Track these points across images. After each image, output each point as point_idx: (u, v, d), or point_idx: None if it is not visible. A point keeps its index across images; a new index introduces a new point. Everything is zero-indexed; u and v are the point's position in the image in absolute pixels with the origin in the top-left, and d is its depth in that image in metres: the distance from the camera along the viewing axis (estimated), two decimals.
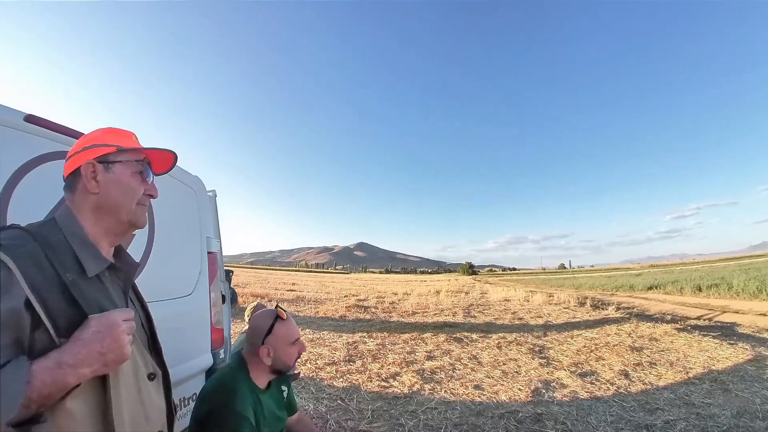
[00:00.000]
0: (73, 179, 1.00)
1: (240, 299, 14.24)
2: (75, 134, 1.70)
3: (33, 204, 1.50)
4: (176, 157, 1.19)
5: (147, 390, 1.00)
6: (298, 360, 1.76)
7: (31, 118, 1.54)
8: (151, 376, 1.03)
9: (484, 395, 4.71)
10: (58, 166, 1.58)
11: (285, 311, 1.74)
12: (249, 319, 3.58)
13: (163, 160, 1.17)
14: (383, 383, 5.14)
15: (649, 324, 9.86)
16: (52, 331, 0.80)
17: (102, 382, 0.86)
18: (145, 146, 1.12)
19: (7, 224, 0.91)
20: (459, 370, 5.84)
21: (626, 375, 5.52)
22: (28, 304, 0.77)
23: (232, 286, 12.76)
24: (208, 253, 2.52)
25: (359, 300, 17.04)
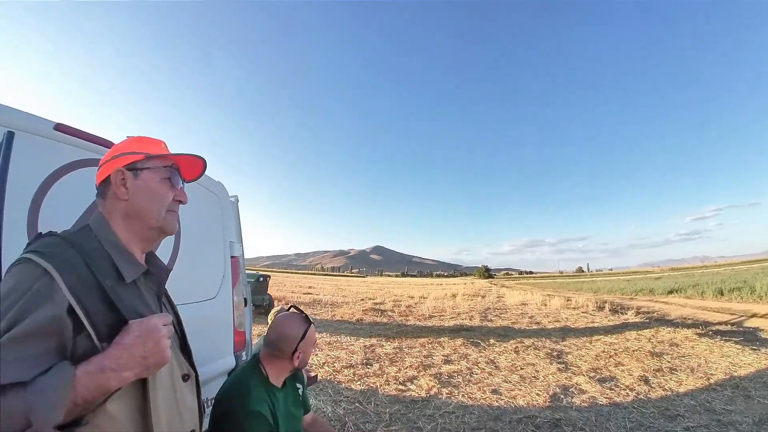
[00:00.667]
0: (104, 187, 1.04)
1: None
2: (103, 142, 1.76)
3: (63, 210, 1.56)
4: (205, 163, 1.21)
5: (182, 391, 1.04)
6: (315, 363, 1.86)
7: (60, 127, 1.60)
8: (185, 377, 1.07)
9: (501, 400, 4.71)
10: (87, 173, 1.65)
11: (303, 312, 1.82)
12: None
13: (192, 167, 1.20)
14: (401, 387, 5.18)
15: (669, 329, 9.72)
16: (93, 336, 0.83)
17: (141, 384, 0.90)
18: (164, 151, 1.14)
19: (43, 231, 0.95)
20: (476, 374, 5.85)
21: (646, 381, 5.47)
22: (70, 310, 0.80)
23: (268, 291, 12.90)
24: (231, 257, 2.59)
25: (376, 303, 17.04)
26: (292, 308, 1.87)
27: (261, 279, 12.40)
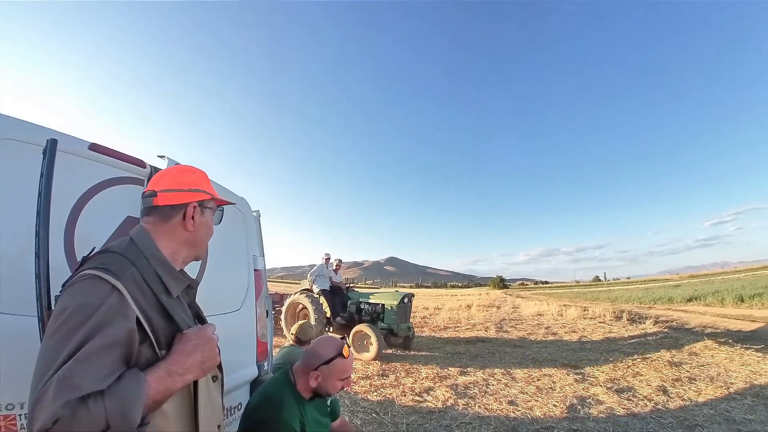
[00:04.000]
0: (171, 211, 1.16)
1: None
2: (134, 161, 1.90)
3: (97, 226, 1.69)
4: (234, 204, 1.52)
5: (212, 390, 1.17)
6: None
7: (94, 147, 1.73)
8: (214, 378, 1.20)
9: (518, 411, 4.72)
10: (120, 190, 1.81)
11: (350, 347, 1.85)
12: (294, 337, 3.78)
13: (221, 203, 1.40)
14: (417, 397, 5.21)
15: (688, 338, 9.60)
16: (156, 345, 0.97)
17: (187, 386, 1.02)
18: (223, 198, 1.35)
19: (100, 248, 1.08)
20: (493, 385, 5.85)
21: (664, 391, 5.43)
22: (138, 323, 0.92)
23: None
24: (255, 270, 2.72)
25: None
26: (341, 337, 1.92)
27: (406, 300, 8.87)
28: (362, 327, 7.83)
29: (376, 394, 5.36)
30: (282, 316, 9.63)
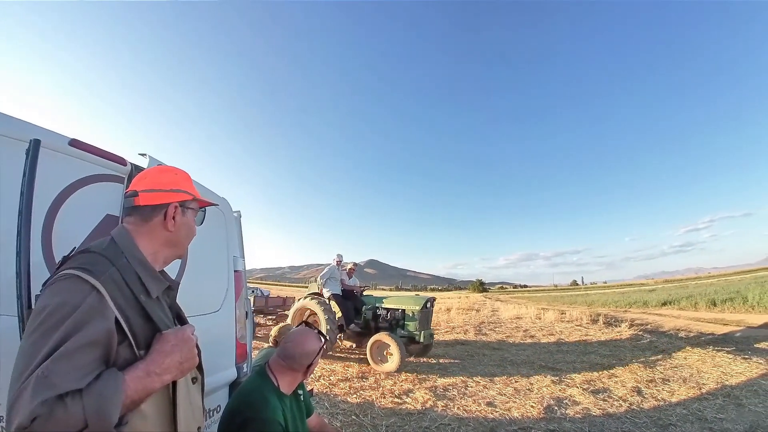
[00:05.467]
0: (152, 211, 1.15)
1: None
2: (115, 158, 1.85)
3: (76, 224, 1.64)
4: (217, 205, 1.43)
5: (192, 391, 1.15)
6: (312, 376, 1.94)
7: (75, 143, 1.68)
8: (194, 380, 1.18)
9: (496, 412, 4.74)
10: (100, 187, 1.76)
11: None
12: (274, 339, 3.73)
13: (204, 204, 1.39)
14: (396, 399, 5.20)
15: (662, 340, 9.82)
16: (134, 345, 0.95)
17: (167, 386, 1.01)
18: (205, 198, 1.35)
19: (81, 248, 1.06)
20: (471, 387, 5.88)
21: (639, 391, 5.53)
22: (116, 323, 0.91)
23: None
24: (235, 271, 2.68)
25: None
26: (306, 324, 1.98)
27: (429, 305, 8.06)
28: (382, 336, 7.11)
29: (355, 396, 5.34)
30: (289, 322, 8.31)
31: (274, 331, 3.77)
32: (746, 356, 7.43)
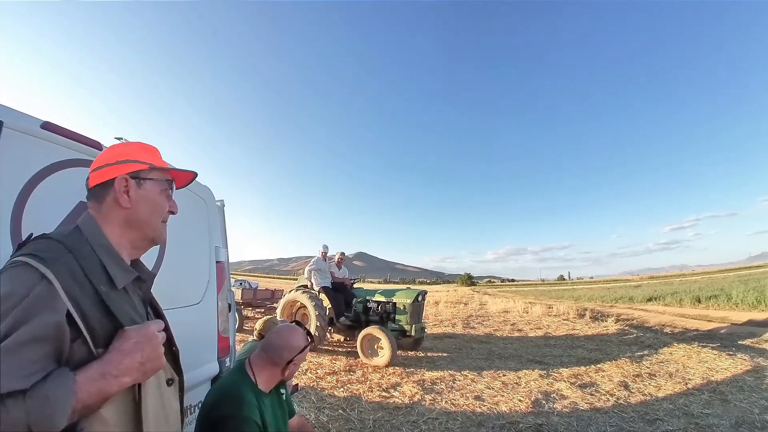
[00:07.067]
0: (102, 190, 1.02)
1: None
2: (91, 143, 1.73)
3: (48, 211, 1.52)
4: (196, 176, 1.26)
5: (167, 395, 1.04)
6: (299, 370, 1.88)
7: (47, 126, 1.56)
8: (169, 382, 1.07)
9: (484, 406, 4.73)
10: (74, 173, 1.62)
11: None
12: (259, 333, 3.64)
13: (183, 178, 1.23)
14: (384, 393, 5.16)
15: (648, 335, 9.90)
16: (90, 343, 0.84)
17: (132, 389, 0.90)
18: (172, 166, 1.18)
19: (27, 232, 0.94)
20: (459, 381, 5.85)
21: (626, 386, 5.55)
22: (68, 316, 0.80)
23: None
24: (217, 262, 2.57)
25: None
26: (295, 322, 1.91)
27: (420, 298, 8.01)
28: (373, 330, 6.96)
29: (342, 390, 5.29)
30: (278, 316, 8.39)
31: (258, 324, 3.66)
32: (731, 352, 7.49)
